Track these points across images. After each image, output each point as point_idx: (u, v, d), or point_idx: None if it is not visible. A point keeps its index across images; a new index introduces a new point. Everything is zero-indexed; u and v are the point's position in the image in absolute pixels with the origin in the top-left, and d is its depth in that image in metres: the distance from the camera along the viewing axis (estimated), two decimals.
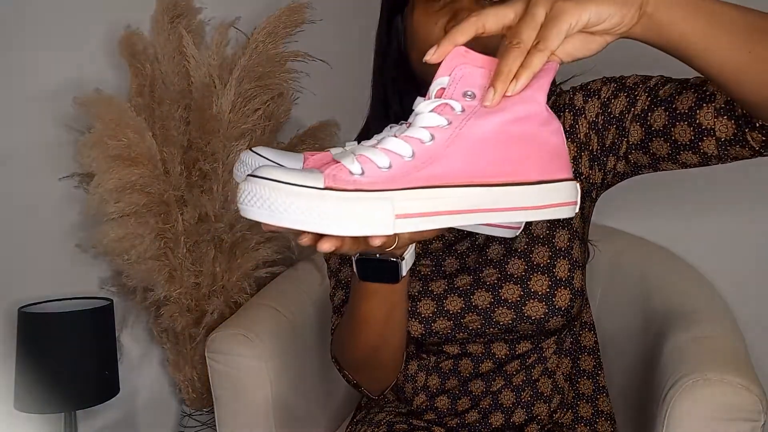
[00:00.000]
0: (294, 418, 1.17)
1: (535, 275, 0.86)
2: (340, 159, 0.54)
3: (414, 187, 0.53)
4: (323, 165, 0.54)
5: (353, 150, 0.56)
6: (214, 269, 1.41)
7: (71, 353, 1.24)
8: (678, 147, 0.76)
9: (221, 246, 1.41)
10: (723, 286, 1.29)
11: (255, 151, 0.72)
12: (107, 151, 1.29)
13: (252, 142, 1.40)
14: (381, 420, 0.97)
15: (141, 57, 1.38)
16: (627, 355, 1.19)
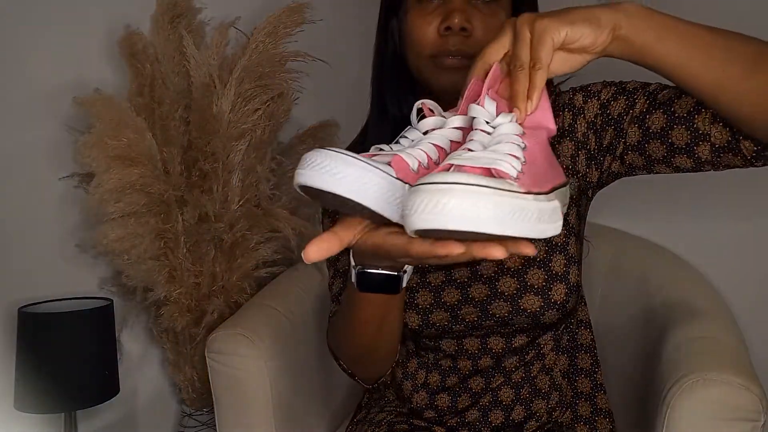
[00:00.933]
0: (294, 418, 1.17)
1: (532, 269, 0.87)
2: (492, 164, 0.53)
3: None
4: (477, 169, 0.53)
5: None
6: (214, 269, 1.41)
7: (71, 353, 1.23)
8: (674, 150, 0.78)
9: (221, 246, 1.41)
10: (723, 286, 1.29)
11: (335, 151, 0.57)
12: (107, 151, 1.28)
13: (252, 142, 1.40)
14: (381, 420, 0.97)
15: (141, 57, 1.38)
16: (627, 355, 1.19)
